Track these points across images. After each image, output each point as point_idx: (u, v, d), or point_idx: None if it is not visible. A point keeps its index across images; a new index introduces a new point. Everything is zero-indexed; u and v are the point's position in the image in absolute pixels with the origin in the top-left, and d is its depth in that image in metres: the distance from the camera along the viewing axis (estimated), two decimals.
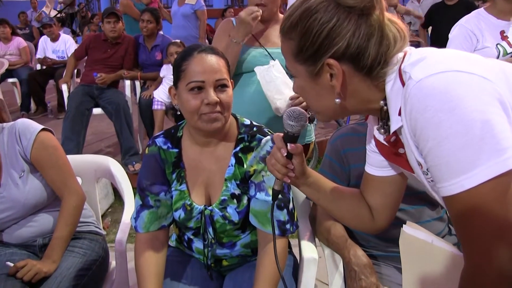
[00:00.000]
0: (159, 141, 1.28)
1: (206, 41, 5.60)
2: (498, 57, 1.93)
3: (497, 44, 1.93)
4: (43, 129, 1.46)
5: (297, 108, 0.93)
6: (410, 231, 0.97)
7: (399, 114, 0.78)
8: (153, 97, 3.60)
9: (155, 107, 3.57)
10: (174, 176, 1.27)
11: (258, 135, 1.23)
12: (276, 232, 1.19)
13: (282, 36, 0.85)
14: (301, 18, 0.80)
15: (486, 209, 0.67)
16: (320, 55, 0.79)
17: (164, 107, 3.57)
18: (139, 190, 1.28)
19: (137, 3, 4.77)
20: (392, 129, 0.83)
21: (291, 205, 1.23)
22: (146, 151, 1.29)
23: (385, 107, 0.83)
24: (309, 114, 2.08)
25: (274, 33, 1.93)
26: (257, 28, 1.93)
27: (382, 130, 0.89)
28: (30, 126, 1.46)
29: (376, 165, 1.05)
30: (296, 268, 1.39)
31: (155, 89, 3.64)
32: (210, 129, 1.17)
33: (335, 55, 0.79)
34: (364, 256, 1.26)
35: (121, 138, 3.46)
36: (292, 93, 1.81)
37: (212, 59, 1.16)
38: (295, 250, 1.45)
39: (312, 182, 1.03)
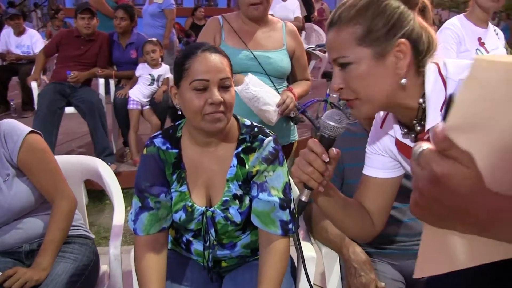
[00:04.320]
0: (158, 141, 1.25)
1: (176, 40, 5.50)
2: None
3: (476, 49, 2.04)
4: (31, 132, 1.37)
5: (333, 110, 0.92)
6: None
7: (441, 109, 0.84)
8: (128, 96, 3.51)
9: (130, 106, 3.48)
10: (174, 177, 1.24)
11: (260, 135, 1.23)
12: (279, 232, 1.20)
13: (342, 25, 0.87)
14: (372, 3, 0.86)
15: None
16: (392, 35, 0.85)
17: (139, 107, 3.50)
18: (137, 191, 1.25)
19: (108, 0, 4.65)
20: (429, 126, 0.86)
21: (292, 205, 1.24)
22: (144, 152, 1.26)
23: (423, 105, 0.87)
24: (293, 114, 2.11)
25: (262, 35, 1.92)
26: (245, 29, 1.92)
27: (419, 128, 0.90)
28: (16, 128, 1.37)
29: (380, 167, 1.06)
30: (293, 267, 1.41)
31: (131, 88, 3.55)
32: (213, 130, 1.16)
33: (404, 37, 0.85)
34: (362, 253, 1.29)
35: (95, 138, 3.34)
36: (277, 100, 1.82)
37: (216, 58, 1.15)
38: (291, 250, 1.45)
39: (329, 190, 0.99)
